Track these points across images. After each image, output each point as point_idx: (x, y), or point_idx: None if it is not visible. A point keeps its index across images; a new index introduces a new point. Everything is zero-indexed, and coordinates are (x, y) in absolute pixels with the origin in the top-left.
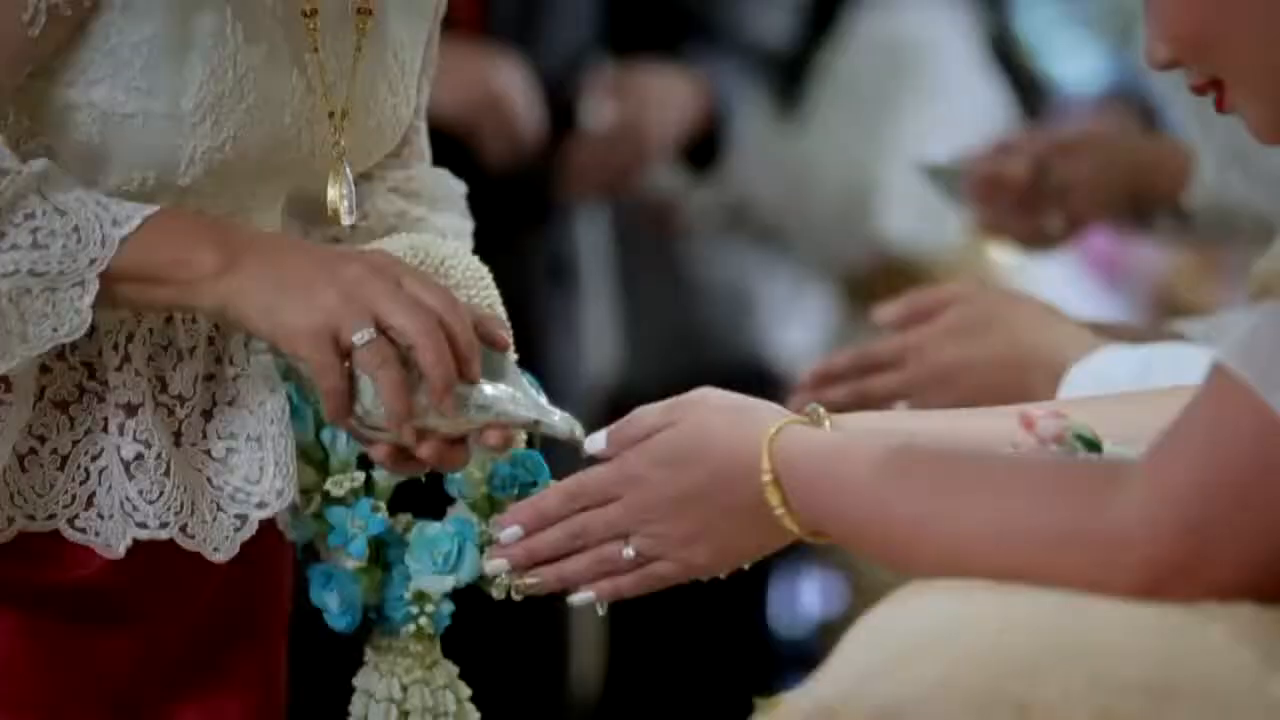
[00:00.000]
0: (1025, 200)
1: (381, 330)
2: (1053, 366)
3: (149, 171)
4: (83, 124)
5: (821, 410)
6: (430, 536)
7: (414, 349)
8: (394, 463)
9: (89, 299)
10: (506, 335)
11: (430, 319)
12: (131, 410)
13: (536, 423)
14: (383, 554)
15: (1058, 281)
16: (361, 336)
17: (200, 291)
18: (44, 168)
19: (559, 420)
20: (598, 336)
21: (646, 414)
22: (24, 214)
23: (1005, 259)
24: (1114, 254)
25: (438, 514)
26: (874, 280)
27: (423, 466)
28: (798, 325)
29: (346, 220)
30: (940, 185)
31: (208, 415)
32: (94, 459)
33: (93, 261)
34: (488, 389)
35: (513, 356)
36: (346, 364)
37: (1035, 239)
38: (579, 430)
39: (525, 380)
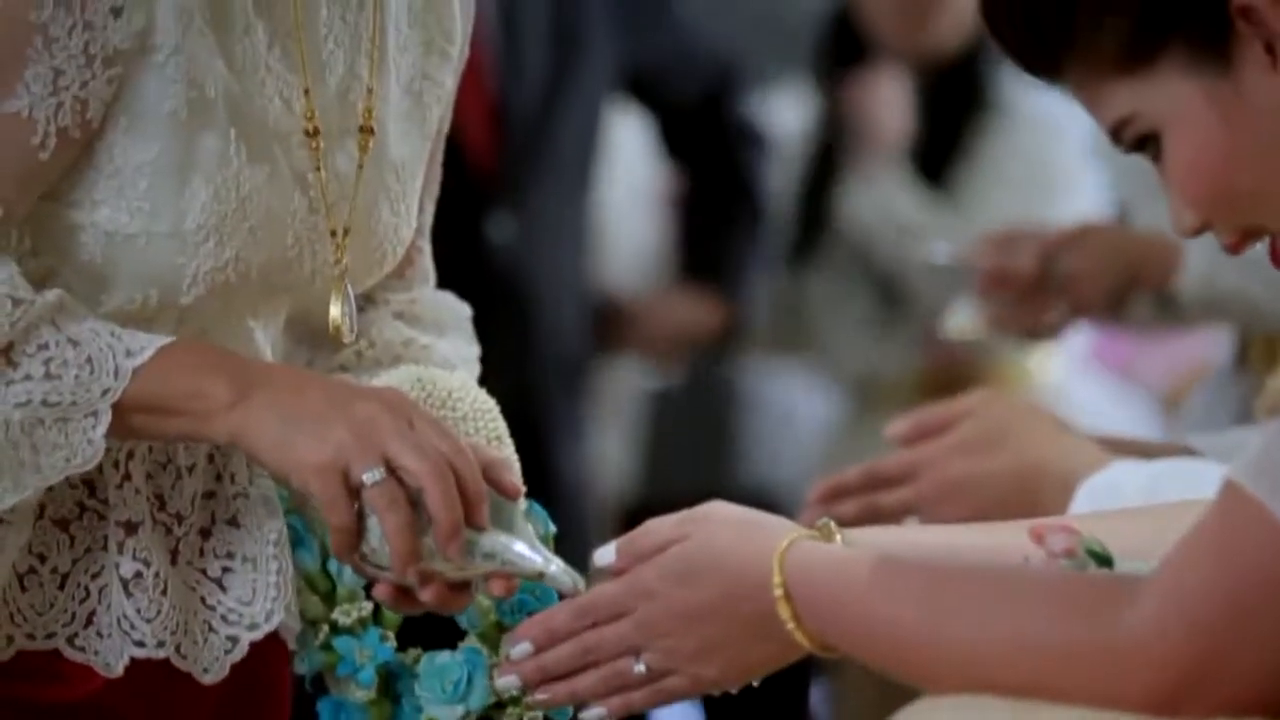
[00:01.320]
0: (1029, 293)
1: (391, 471)
2: (1063, 481)
3: (151, 290)
4: (86, 245)
5: (832, 524)
6: (440, 665)
7: (423, 492)
8: (396, 602)
9: (102, 429)
10: (516, 482)
11: (440, 463)
12: (131, 528)
13: (540, 574)
14: (392, 685)
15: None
16: (371, 476)
17: (212, 423)
18: (58, 298)
19: (562, 573)
20: (613, 448)
21: (657, 527)
22: (37, 344)
23: (1038, 367)
24: (1132, 356)
25: (446, 645)
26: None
27: (424, 608)
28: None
29: (348, 338)
30: (943, 283)
31: (206, 534)
32: (94, 577)
33: (106, 392)
34: (494, 537)
35: (522, 505)
36: (355, 502)
37: (1036, 331)
38: (581, 584)
39: (531, 529)
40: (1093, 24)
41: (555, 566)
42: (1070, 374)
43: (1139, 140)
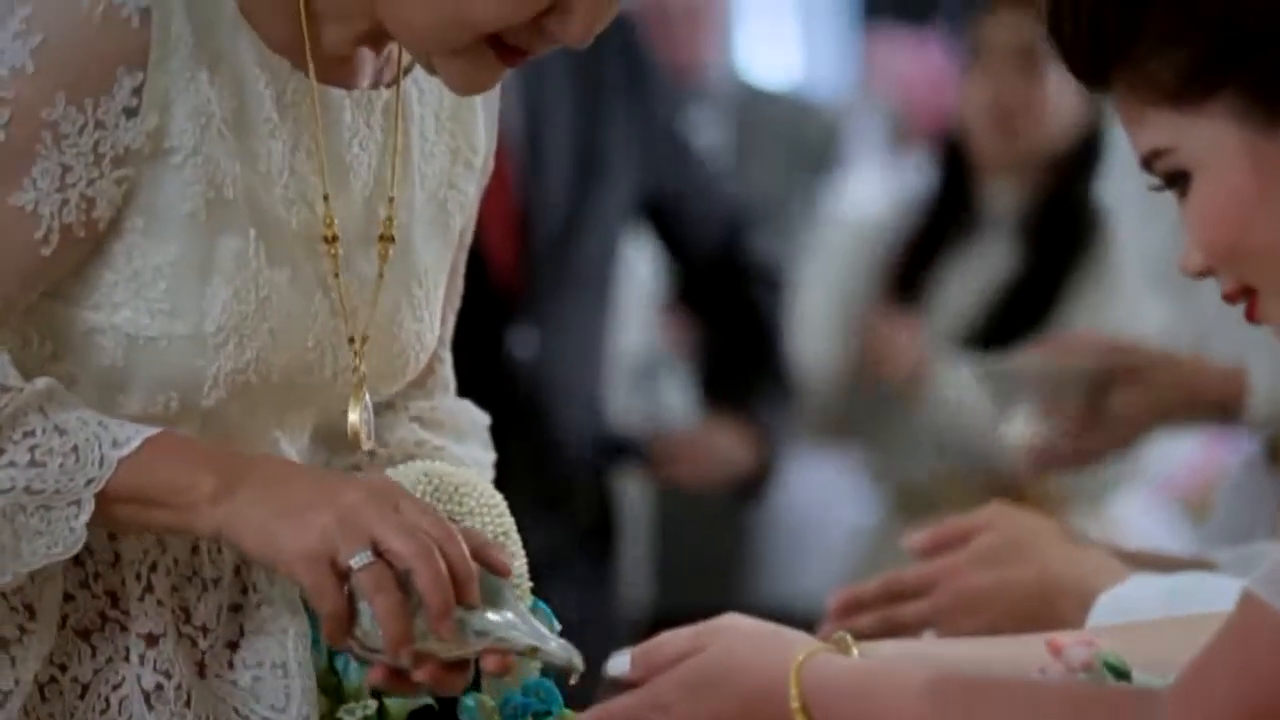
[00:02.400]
0: (1083, 421)
1: (379, 554)
2: (1081, 594)
3: (172, 394)
4: (106, 348)
5: (849, 637)
6: None
7: (412, 573)
8: (391, 685)
9: (84, 518)
10: (508, 561)
11: (428, 543)
12: (153, 640)
13: (535, 649)
14: None
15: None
16: (359, 560)
17: (197, 515)
18: (48, 386)
19: (557, 647)
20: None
21: (674, 639)
22: (23, 431)
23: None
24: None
25: None
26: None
27: (419, 689)
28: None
29: (366, 445)
30: (993, 389)
31: (233, 646)
32: (115, 688)
33: (90, 482)
34: (486, 614)
35: (514, 583)
36: (344, 587)
37: (1084, 459)
38: (577, 658)
39: (524, 606)
40: (1155, 48)
41: (552, 643)
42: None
43: (1169, 174)
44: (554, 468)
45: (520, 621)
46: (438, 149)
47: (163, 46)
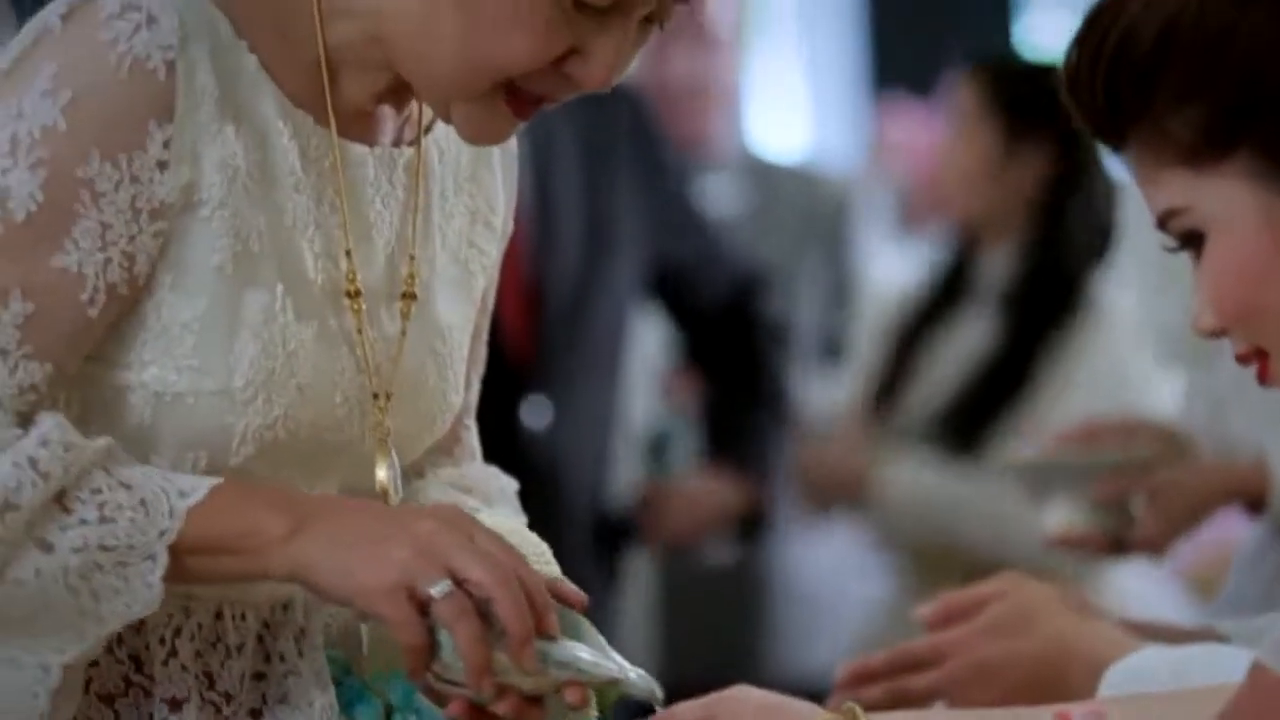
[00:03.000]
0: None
1: (458, 584)
2: (1091, 665)
3: (200, 452)
4: (135, 407)
5: (858, 708)
6: None
7: (492, 602)
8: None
9: (160, 572)
10: (580, 592)
11: (507, 572)
12: (176, 705)
13: (616, 681)
14: None
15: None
16: (439, 590)
17: (270, 557)
18: (107, 444)
19: (637, 679)
20: (640, 631)
21: (685, 710)
22: (90, 489)
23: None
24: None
25: None
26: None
27: None
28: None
29: (395, 501)
30: (1029, 483)
31: (256, 714)
32: None
33: (162, 533)
34: (566, 646)
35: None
36: (424, 619)
37: (1120, 550)
38: (658, 689)
39: (602, 639)
40: (1171, 107)
41: (632, 674)
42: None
43: (1184, 234)
44: (564, 538)
45: (599, 653)
46: (457, 209)
47: (189, 98)
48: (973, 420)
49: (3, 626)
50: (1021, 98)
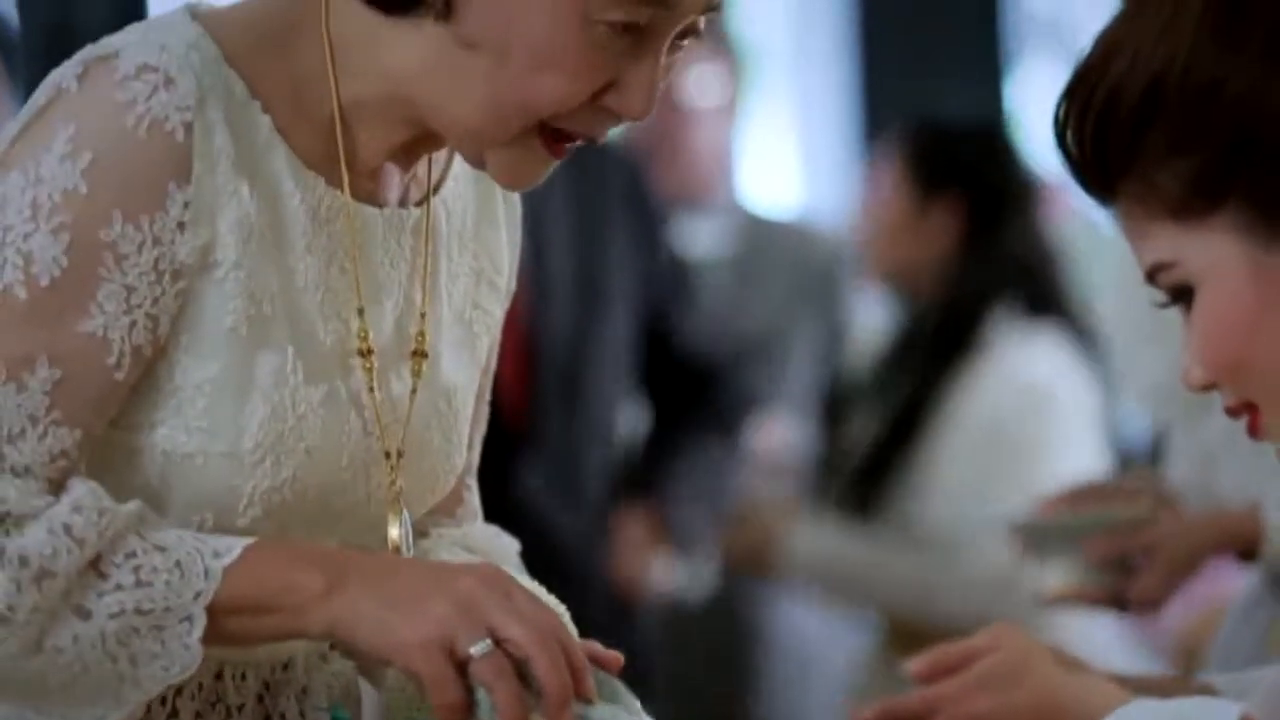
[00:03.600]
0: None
1: (496, 643)
2: (1084, 717)
3: (207, 513)
4: (144, 467)
5: None
6: None
7: (530, 662)
8: None
9: (198, 633)
10: (616, 653)
11: (546, 632)
12: None
13: None
14: None
15: (1111, 636)
16: (479, 648)
17: (309, 614)
18: (138, 508)
19: None
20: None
21: None
22: (125, 553)
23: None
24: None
25: None
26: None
27: None
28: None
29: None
30: (1028, 545)
31: None
32: None
33: (198, 595)
34: (603, 709)
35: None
36: (463, 678)
37: (1119, 608)
38: None
39: (637, 703)
40: (1159, 161)
41: None
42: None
43: (1173, 289)
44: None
45: (635, 716)
46: (462, 269)
47: (205, 159)
48: (871, 480)
49: (42, 695)
50: (938, 159)
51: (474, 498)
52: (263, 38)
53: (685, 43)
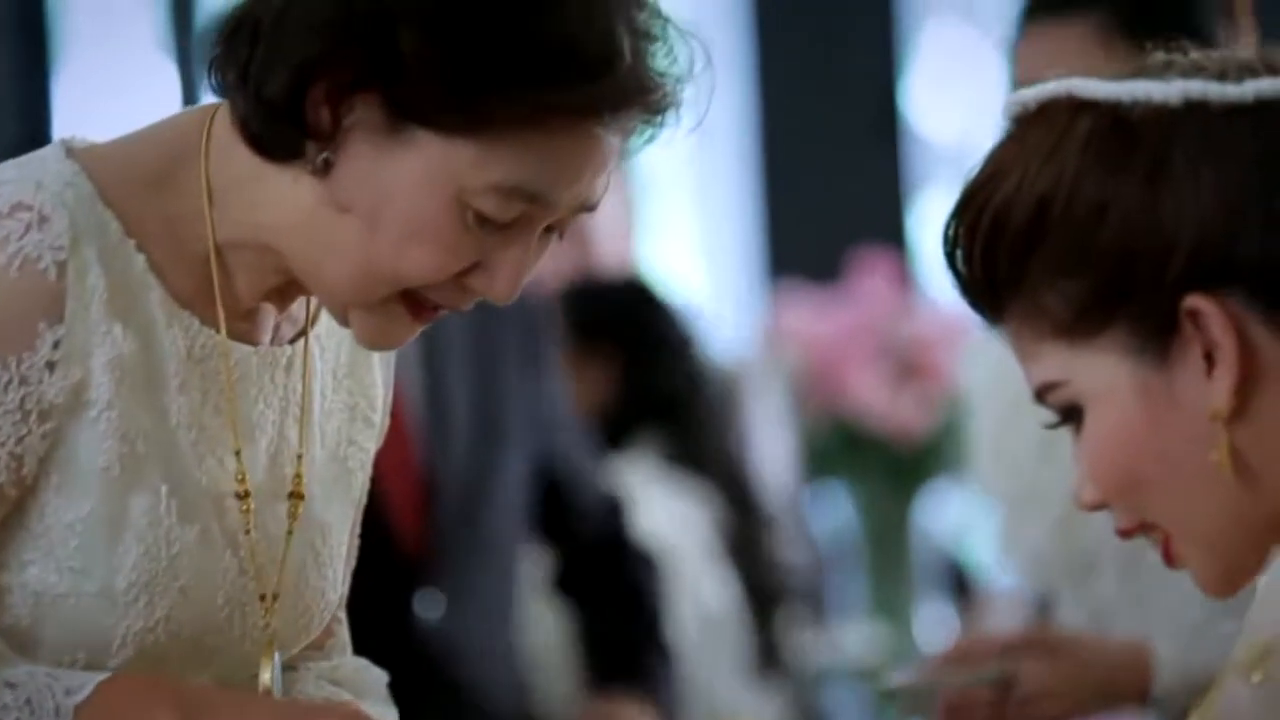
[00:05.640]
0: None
1: None
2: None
3: (79, 653)
4: (13, 606)
5: None
6: None
7: None
8: None
9: None
10: None
11: None
12: None
13: None
14: None
15: None
16: None
17: None
18: None
19: None
20: None
21: None
22: None
23: None
24: None
25: None
26: None
27: None
28: None
29: None
30: (910, 707)
31: None
32: None
33: None
34: None
35: None
36: None
37: None
38: None
39: None
40: (1045, 281)
41: None
42: None
43: (1062, 408)
44: None
45: None
46: (336, 406)
47: (79, 299)
48: None
49: None
50: (587, 317)
51: (344, 631)
52: (141, 176)
53: (554, 235)
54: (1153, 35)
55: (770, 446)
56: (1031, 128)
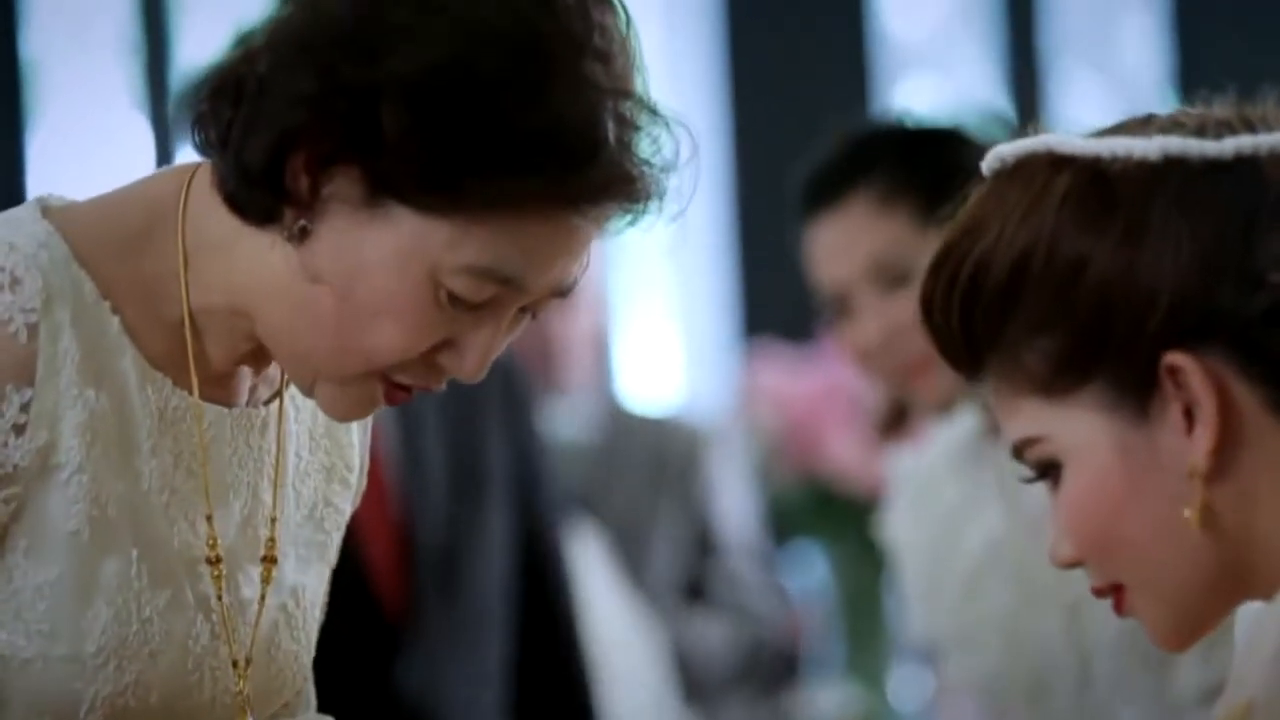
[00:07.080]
0: None
1: None
2: None
3: (46, 717)
4: None
5: None
6: None
7: None
8: None
9: None
10: None
11: None
12: None
13: None
14: None
15: None
16: None
17: None
18: None
19: None
20: None
21: None
22: None
23: None
24: None
25: None
26: None
27: None
28: None
29: None
30: None
31: None
32: None
33: None
34: None
35: None
36: None
37: None
38: None
39: None
40: (1026, 337)
41: None
42: None
43: (1040, 464)
44: None
45: None
46: (312, 467)
47: (50, 363)
48: None
49: None
50: None
51: (310, 688)
52: (117, 237)
53: (527, 316)
54: (931, 183)
55: (741, 506)
56: (1009, 184)
